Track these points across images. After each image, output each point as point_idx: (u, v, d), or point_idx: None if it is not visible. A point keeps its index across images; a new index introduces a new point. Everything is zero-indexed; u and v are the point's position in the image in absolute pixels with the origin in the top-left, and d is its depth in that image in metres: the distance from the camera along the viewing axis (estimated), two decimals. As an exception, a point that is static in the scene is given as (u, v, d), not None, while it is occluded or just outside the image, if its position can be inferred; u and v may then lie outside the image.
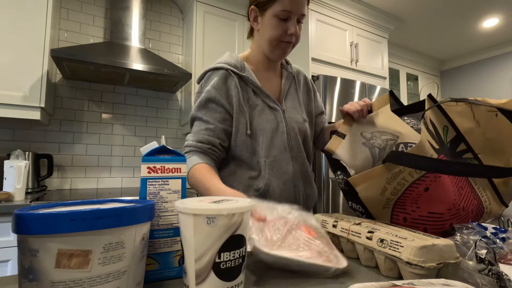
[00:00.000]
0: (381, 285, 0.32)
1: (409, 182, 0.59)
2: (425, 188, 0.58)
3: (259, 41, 0.87)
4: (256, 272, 0.47)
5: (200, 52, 2.22)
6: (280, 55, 0.86)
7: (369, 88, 2.43)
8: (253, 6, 0.83)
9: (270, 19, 0.80)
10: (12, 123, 1.88)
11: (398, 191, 0.60)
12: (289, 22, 0.80)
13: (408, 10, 2.75)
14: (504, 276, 0.38)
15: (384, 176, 0.60)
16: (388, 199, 0.61)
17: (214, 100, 0.81)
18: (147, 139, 2.33)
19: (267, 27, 0.82)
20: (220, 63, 0.84)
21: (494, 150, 0.72)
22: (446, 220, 0.59)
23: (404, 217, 0.62)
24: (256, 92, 0.86)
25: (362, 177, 0.63)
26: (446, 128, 0.64)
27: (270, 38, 0.82)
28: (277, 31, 0.80)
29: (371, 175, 0.62)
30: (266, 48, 0.85)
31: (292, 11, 0.78)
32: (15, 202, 1.43)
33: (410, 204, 0.60)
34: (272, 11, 0.79)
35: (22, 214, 0.28)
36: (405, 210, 0.61)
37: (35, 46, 1.66)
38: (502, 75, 3.50)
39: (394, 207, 0.61)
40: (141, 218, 0.35)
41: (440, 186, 0.58)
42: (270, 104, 0.86)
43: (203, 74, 0.87)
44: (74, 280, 0.29)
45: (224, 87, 0.82)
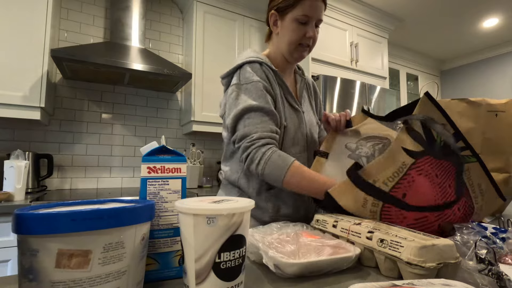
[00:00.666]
0: (381, 285, 0.32)
1: (387, 190, 0.59)
2: (402, 195, 0.59)
3: (278, 44, 0.89)
4: (256, 272, 0.47)
5: (200, 52, 2.22)
6: (298, 57, 0.89)
7: (369, 88, 2.43)
8: (273, 11, 0.86)
9: (290, 23, 0.83)
10: (12, 123, 1.88)
11: (379, 201, 0.60)
12: (308, 26, 0.83)
13: (408, 10, 2.75)
14: (504, 276, 0.38)
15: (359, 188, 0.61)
16: (372, 211, 0.61)
17: (267, 89, 0.82)
18: (147, 139, 2.33)
19: (287, 31, 0.85)
20: (251, 57, 0.84)
21: (494, 150, 0.72)
22: (433, 222, 0.59)
23: None
24: (283, 89, 0.88)
25: (339, 189, 0.63)
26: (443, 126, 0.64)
27: (290, 41, 0.85)
28: (297, 34, 0.83)
29: (347, 187, 0.62)
30: (286, 50, 0.87)
31: (311, 15, 0.82)
32: (15, 202, 1.43)
33: (396, 216, 0.60)
34: (292, 15, 0.82)
35: (22, 214, 0.28)
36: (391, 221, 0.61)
37: (35, 46, 1.66)
38: (502, 75, 3.50)
39: (381, 218, 0.61)
40: (141, 218, 0.35)
41: (417, 189, 0.58)
42: (292, 103, 0.89)
43: (235, 68, 0.85)
44: (74, 280, 0.29)
45: (265, 77, 0.83)
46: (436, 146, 0.63)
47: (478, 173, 0.65)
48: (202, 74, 2.21)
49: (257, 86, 0.80)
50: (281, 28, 0.86)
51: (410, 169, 0.60)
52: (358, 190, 0.61)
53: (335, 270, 0.47)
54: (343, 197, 0.63)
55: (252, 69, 0.83)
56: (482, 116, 0.72)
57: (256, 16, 2.49)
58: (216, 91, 2.26)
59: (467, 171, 0.65)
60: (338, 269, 0.47)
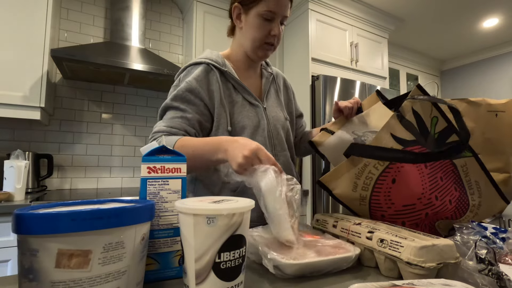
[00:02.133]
0: (381, 285, 0.32)
1: (376, 175, 0.60)
2: (392, 180, 0.60)
3: (240, 40, 0.86)
4: (256, 272, 0.47)
5: (200, 52, 2.21)
6: (262, 56, 0.85)
7: (369, 88, 2.43)
8: (237, 4, 0.82)
9: (254, 19, 0.79)
10: (12, 123, 1.88)
11: (368, 186, 0.61)
12: (273, 23, 0.80)
13: (408, 10, 2.75)
14: (504, 276, 0.38)
15: (352, 171, 0.62)
16: (361, 196, 0.62)
17: (194, 92, 0.77)
18: (147, 139, 2.33)
19: (250, 27, 0.81)
20: (201, 58, 0.82)
21: (494, 150, 0.72)
22: (420, 210, 0.60)
23: (382, 214, 0.63)
24: (236, 89, 0.84)
25: (332, 174, 0.64)
26: (436, 119, 0.63)
27: (253, 38, 0.81)
28: (261, 31, 0.80)
29: (340, 171, 0.63)
30: (249, 48, 0.84)
31: (277, 12, 0.78)
32: (15, 202, 1.43)
33: (384, 201, 0.61)
34: (257, 10, 0.79)
35: (22, 214, 0.28)
36: (381, 208, 0.62)
37: (35, 46, 1.66)
38: (502, 75, 3.50)
39: (370, 204, 0.62)
40: (141, 218, 0.35)
41: (405, 176, 0.59)
42: (251, 100, 0.85)
43: (182, 69, 0.84)
44: (74, 280, 0.29)
45: (206, 81, 0.79)
46: (429, 138, 0.63)
47: (476, 169, 0.65)
48: (202, 74, 2.21)
49: (182, 87, 0.77)
50: (244, 23, 0.82)
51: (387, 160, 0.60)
52: (348, 173, 0.61)
53: (335, 270, 0.47)
54: (335, 183, 0.64)
55: (190, 72, 0.80)
56: (482, 116, 0.72)
57: (256, 16, 2.48)
58: (216, 91, 2.26)
59: (464, 166, 0.65)
60: (338, 269, 0.47)
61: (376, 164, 0.60)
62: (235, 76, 0.83)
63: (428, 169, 0.62)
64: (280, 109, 0.92)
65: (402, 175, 0.60)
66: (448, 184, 0.63)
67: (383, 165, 0.60)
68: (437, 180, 0.61)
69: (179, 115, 0.76)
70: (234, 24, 0.87)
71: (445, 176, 0.63)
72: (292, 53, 2.55)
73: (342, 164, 0.63)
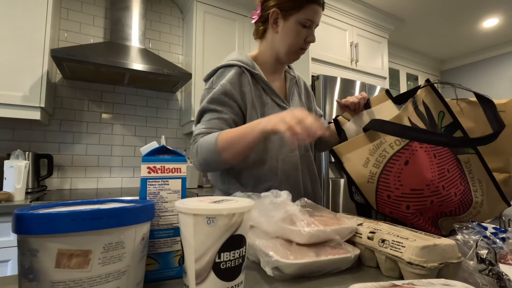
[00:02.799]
0: (381, 285, 0.32)
1: (390, 154, 0.61)
2: (405, 162, 0.60)
3: (274, 43, 0.88)
4: (256, 272, 0.47)
5: (200, 52, 2.22)
6: (294, 59, 0.90)
7: (369, 88, 2.43)
8: (275, 9, 0.84)
9: (294, 25, 0.83)
10: (12, 123, 1.88)
11: (380, 163, 0.61)
12: (309, 30, 0.85)
13: (408, 10, 2.75)
14: (504, 276, 0.38)
15: (366, 147, 0.62)
16: (371, 172, 0.62)
17: (228, 94, 0.80)
18: (147, 139, 2.33)
19: (288, 32, 0.84)
20: (232, 60, 0.85)
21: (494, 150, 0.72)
22: (427, 197, 0.60)
23: (388, 195, 0.63)
24: (266, 90, 0.87)
25: (346, 146, 0.65)
26: (442, 114, 0.65)
27: (291, 43, 0.85)
28: (299, 38, 0.84)
29: (355, 144, 0.64)
30: (283, 51, 0.87)
31: (314, 20, 0.84)
32: (15, 202, 1.43)
33: (393, 182, 0.61)
34: (297, 17, 0.82)
35: (22, 214, 0.28)
36: (389, 188, 0.62)
37: (35, 46, 1.66)
38: (502, 75, 3.50)
39: (379, 182, 0.62)
40: (141, 218, 0.35)
41: (418, 160, 0.60)
42: (279, 102, 0.88)
43: (214, 71, 0.86)
44: (74, 280, 0.29)
45: (238, 83, 0.82)
46: (437, 130, 0.64)
47: (479, 168, 0.66)
48: (202, 74, 2.21)
49: (217, 90, 0.80)
50: (282, 28, 0.85)
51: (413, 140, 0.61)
52: (363, 148, 0.62)
53: (334, 270, 0.47)
54: (347, 155, 0.64)
55: (223, 74, 0.83)
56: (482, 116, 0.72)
57: (256, 16, 2.48)
58: (216, 91, 2.26)
59: (467, 163, 0.66)
60: (338, 269, 0.47)
61: (392, 143, 0.61)
62: (265, 78, 0.87)
63: (437, 159, 0.62)
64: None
65: (415, 158, 0.60)
66: (455, 177, 0.64)
67: (399, 145, 0.60)
68: (445, 171, 0.62)
69: (216, 116, 0.79)
70: (264, 27, 0.90)
71: (451, 169, 0.64)
72: (292, 53, 2.55)
73: (359, 137, 0.64)
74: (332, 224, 0.51)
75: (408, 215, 0.62)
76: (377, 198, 0.64)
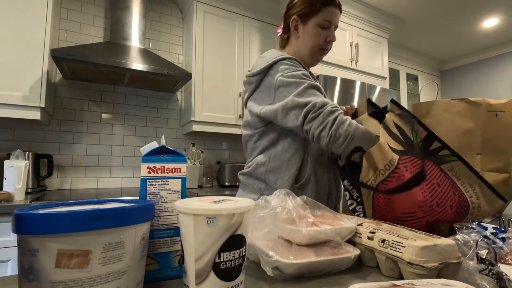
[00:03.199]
0: (381, 285, 0.32)
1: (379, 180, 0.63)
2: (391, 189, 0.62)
3: (297, 47, 0.93)
4: (256, 272, 0.47)
5: (200, 52, 2.22)
6: (317, 60, 0.95)
7: (369, 88, 2.43)
8: (295, 16, 0.90)
9: (313, 28, 0.89)
10: (12, 123, 1.88)
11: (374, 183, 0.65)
12: (328, 30, 0.90)
13: (408, 10, 2.75)
14: (504, 276, 0.38)
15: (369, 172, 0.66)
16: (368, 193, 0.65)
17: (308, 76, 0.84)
18: (147, 139, 2.33)
19: (309, 35, 0.90)
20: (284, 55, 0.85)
21: (494, 150, 0.72)
22: (420, 218, 0.61)
23: (381, 217, 0.65)
24: None
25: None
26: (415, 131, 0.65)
27: (312, 44, 0.90)
28: (319, 38, 0.89)
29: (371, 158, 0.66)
30: (307, 53, 0.92)
31: (332, 21, 0.89)
32: (15, 202, 1.43)
33: (384, 206, 0.63)
34: (315, 20, 0.88)
35: (22, 214, 0.28)
36: (381, 211, 0.64)
37: (35, 46, 1.66)
38: (502, 75, 3.50)
39: (373, 203, 0.64)
40: (141, 218, 0.35)
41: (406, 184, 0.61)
42: None
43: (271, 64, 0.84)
44: (74, 280, 0.29)
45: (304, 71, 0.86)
46: (414, 147, 0.64)
47: (465, 172, 0.65)
48: (202, 74, 2.21)
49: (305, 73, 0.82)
50: (302, 32, 0.91)
51: (398, 165, 0.63)
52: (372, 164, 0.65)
53: (334, 270, 0.47)
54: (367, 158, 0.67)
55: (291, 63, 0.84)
56: (482, 116, 0.72)
57: (256, 16, 2.49)
58: (216, 91, 2.26)
59: (452, 171, 0.65)
60: (337, 270, 0.47)
61: (382, 169, 0.63)
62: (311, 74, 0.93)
63: (427, 176, 0.62)
64: None
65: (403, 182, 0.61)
66: (447, 189, 0.63)
67: (388, 170, 0.63)
68: (435, 186, 0.62)
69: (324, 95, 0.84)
70: (287, 35, 0.96)
71: (441, 182, 0.63)
72: (292, 53, 2.55)
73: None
74: (333, 224, 0.51)
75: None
76: (373, 216, 0.67)
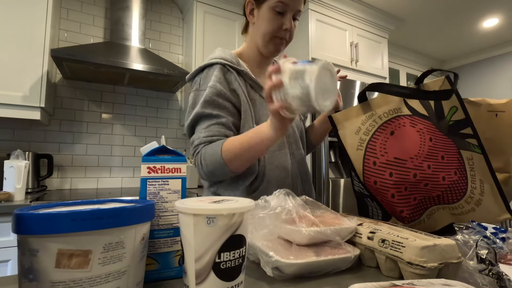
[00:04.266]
0: (381, 285, 0.32)
1: (378, 124, 0.68)
2: (391, 132, 0.67)
3: (253, 35, 0.86)
4: (256, 272, 0.47)
5: (200, 52, 2.22)
6: (274, 51, 0.84)
7: (369, 88, 2.43)
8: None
9: (267, 12, 0.79)
10: (12, 123, 1.88)
11: (370, 132, 0.68)
12: (285, 16, 0.79)
13: (408, 10, 2.75)
14: (504, 276, 0.38)
15: (359, 117, 0.70)
16: (361, 139, 0.69)
17: (221, 95, 0.77)
18: (147, 139, 2.33)
19: (262, 20, 0.80)
20: (215, 58, 0.81)
21: (494, 150, 0.72)
22: (410, 169, 0.64)
23: (374, 161, 0.67)
24: (253, 87, 0.84)
25: (343, 114, 0.72)
26: (455, 109, 0.67)
27: (265, 31, 0.80)
28: (273, 24, 0.79)
29: (350, 113, 0.71)
30: (260, 42, 0.83)
31: (289, 4, 0.78)
32: (15, 202, 1.43)
33: (379, 148, 0.67)
34: (269, 3, 0.78)
35: (22, 214, 0.28)
36: (375, 154, 0.67)
37: (35, 46, 1.66)
38: (502, 75, 3.50)
39: (367, 149, 0.68)
40: (141, 218, 0.35)
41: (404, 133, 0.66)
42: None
43: (198, 70, 0.83)
44: (74, 280, 0.29)
45: (226, 81, 0.79)
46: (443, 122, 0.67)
47: (482, 168, 0.66)
48: (202, 74, 2.21)
49: (209, 92, 0.77)
50: (257, 17, 0.82)
51: (404, 116, 0.67)
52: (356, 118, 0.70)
53: (334, 270, 0.47)
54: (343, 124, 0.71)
55: (209, 74, 0.79)
56: (482, 116, 0.72)
57: (256, 16, 2.48)
58: (216, 91, 2.26)
59: (470, 160, 0.66)
60: (337, 270, 0.47)
61: (381, 114, 0.68)
62: (251, 75, 0.83)
63: (432, 143, 0.65)
64: None
65: (401, 131, 0.66)
66: (449, 165, 0.66)
67: (386, 117, 0.68)
68: (437, 156, 0.65)
69: (214, 122, 0.75)
70: (246, 22, 0.88)
71: (447, 158, 0.66)
72: (292, 53, 2.55)
73: (354, 107, 0.71)
74: (333, 224, 0.51)
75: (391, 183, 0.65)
76: (364, 165, 0.68)
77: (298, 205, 0.53)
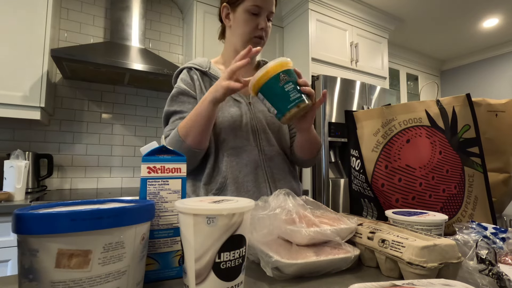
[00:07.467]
0: (381, 285, 0.32)
1: (397, 130, 0.70)
2: (407, 140, 0.69)
3: (231, 38, 0.90)
4: (256, 272, 0.47)
5: (200, 52, 2.21)
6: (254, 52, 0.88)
7: (369, 88, 2.43)
8: (225, 4, 0.86)
9: (242, 14, 0.84)
10: (12, 123, 1.88)
11: (388, 136, 0.71)
12: (259, 17, 0.84)
13: (408, 10, 2.75)
14: (504, 276, 0.38)
15: (380, 119, 0.72)
16: (378, 141, 0.71)
17: (184, 92, 0.85)
18: (147, 139, 2.33)
19: (239, 22, 0.85)
20: (184, 65, 0.90)
21: (494, 150, 0.72)
22: (417, 178, 0.67)
23: (386, 165, 0.70)
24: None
25: (364, 114, 0.75)
26: (468, 127, 0.69)
27: (242, 32, 0.85)
28: (249, 26, 0.84)
29: (371, 114, 0.73)
30: (239, 43, 0.87)
31: (263, 6, 0.83)
32: (15, 202, 1.43)
33: (394, 153, 0.69)
34: (244, 6, 0.83)
35: (22, 214, 0.28)
36: (389, 158, 0.70)
37: (35, 46, 1.66)
38: (502, 75, 3.50)
39: (381, 152, 0.70)
40: (141, 218, 0.35)
41: (419, 144, 0.68)
42: (235, 97, 0.88)
43: (174, 76, 0.92)
44: (74, 280, 0.29)
45: (188, 80, 0.87)
46: (454, 138, 0.69)
47: (480, 185, 0.68)
48: (202, 74, 2.21)
49: (174, 92, 0.86)
50: (233, 21, 0.86)
51: (423, 127, 0.69)
52: (377, 119, 0.72)
53: (334, 270, 0.47)
54: (362, 123, 0.74)
55: (179, 77, 0.89)
56: (482, 116, 0.72)
57: (256, 16, 2.48)
58: (216, 91, 2.26)
59: (471, 177, 0.67)
60: (337, 270, 0.47)
61: (401, 122, 0.70)
62: (217, 75, 0.88)
63: (441, 156, 0.68)
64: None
65: (416, 140, 0.69)
66: (451, 179, 0.68)
67: (406, 125, 0.70)
68: (443, 169, 0.68)
69: (178, 117, 0.84)
70: (222, 27, 0.93)
71: (451, 172, 0.68)
72: (292, 53, 2.55)
73: (377, 109, 0.73)
74: (333, 224, 0.51)
75: (398, 188, 0.68)
76: (376, 166, 0.71)
77: (298, 205, 0.53)
